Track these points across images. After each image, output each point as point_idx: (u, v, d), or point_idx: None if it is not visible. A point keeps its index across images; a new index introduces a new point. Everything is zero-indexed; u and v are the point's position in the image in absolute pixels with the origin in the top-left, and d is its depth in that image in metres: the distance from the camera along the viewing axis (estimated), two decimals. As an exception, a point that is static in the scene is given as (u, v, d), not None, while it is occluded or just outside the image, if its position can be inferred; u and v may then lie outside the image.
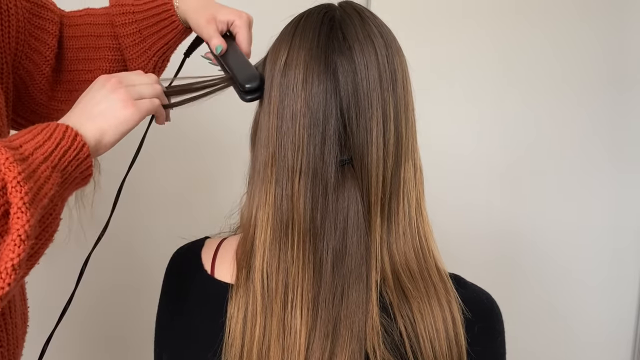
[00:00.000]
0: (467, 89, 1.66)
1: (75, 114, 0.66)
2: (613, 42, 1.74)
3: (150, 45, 0.92)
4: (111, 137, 0.65)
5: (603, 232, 1.84)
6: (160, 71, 0.97)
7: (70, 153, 0.61)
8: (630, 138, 1.81)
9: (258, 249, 0.65)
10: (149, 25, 0.91)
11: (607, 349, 1.90)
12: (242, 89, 0.70)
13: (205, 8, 0.85)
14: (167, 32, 0.91)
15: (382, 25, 0.67)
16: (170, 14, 0.89)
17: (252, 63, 0.75)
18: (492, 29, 1.65)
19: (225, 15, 0.83)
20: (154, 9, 0.90)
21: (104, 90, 0.67)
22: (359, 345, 0.62)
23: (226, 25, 0.83)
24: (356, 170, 0.65)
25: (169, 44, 0.92)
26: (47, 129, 0.61)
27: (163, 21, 0.90)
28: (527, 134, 1.73)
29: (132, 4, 0.91)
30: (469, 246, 1.71)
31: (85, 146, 0.62)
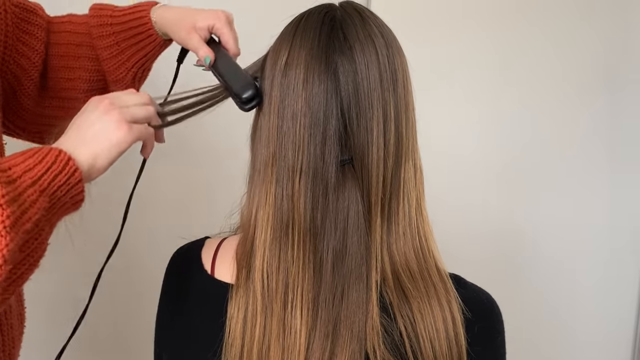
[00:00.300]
0: (466, 89, 1.66)
1: (68, 138, 0.65)
2: (612, 43, 1.74)
3: (129, 57, 0.91)
4: (104, 161, 0.65)
5: (601, 231, 1.84)
6: (140, 81, 0.96)
7: (61, 178, 0.60)
8: (629, 138, 1.81)
9: (258, 249, 0.65)
10: (127, 38, 0.90)
11: (606, 348, 1.90)
12: (239, 100, 0.69)
13: (182, 19, 0.84)
14: (145, 45, 0.90)
15: (383, 25, 0.67)
16: (147, 28, 0.89)
17: (243, 68, 0.74)
18: (492, 30, 1.65)
19: (204, 21, 0.82)
20: (132, 21, 0.89)
21: (97, 112, 0.66)
22: (359, 346, 0.62)
23: (208, 32, 0.83)
24: (356, 170, 0.65)
25: (148, 56, 0.92)
26: (39, 153, 0.60)
27: (140, 34, 0.89)
28: (526, 134, 1.73)
29: (110, 15, 0.90)
30: (469, 246, 1.71)
31: (77, 171, 0.61)
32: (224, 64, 0.78)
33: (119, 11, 0.91)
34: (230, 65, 0.77)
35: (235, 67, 0.75)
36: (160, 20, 0.88)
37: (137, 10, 0.90)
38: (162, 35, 0.89)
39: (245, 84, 0.70)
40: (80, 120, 0.67)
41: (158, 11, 0.89)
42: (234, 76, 0.73)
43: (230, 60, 0.79)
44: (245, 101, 0.69)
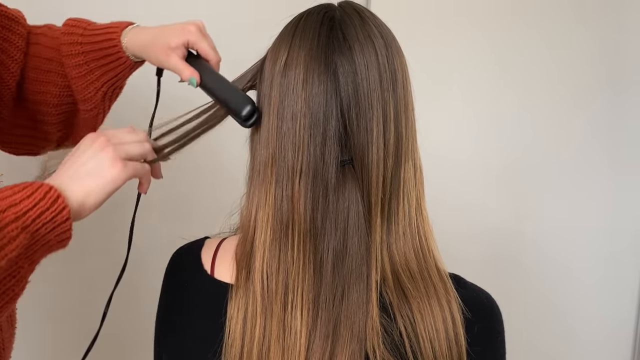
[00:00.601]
0: (465, 90, 1.66)
1: (61, 174, 0.65)
2: (610, 44, 1.74)
3: (98, 77, 0.89)
4: (96, 198, 0.64)
5: (602, 231, 1.84)
6: (112, 100, 0.94)
7: (47, 215, 0.59)
8: (628, 139, 1.81)
9: (258, 250, 0.65)
10: (96, 59, 0.88)
11: (607, 347, 1.91)
12: (240, 118, 0.69)
13: (153, 41, 0.83)
14: (114, 67, 0.89)
15: (382, 25, 0.67)
16: (117, 51, 0.87)
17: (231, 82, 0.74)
18: (491, 31, 1.65)
19: (177, 39, 0.81)
20: (101, 42, 0.87)
21: (91, 149, 0.66)
22: (359, 346, 0.62)
23: (184, 48, 0.82)
24: (356, 171, 0.64)
25: (118, 76, 0.90)
26: (29, 188, 0.59)
27: (110, 56, 0.88)
28: (526, 135, 1.73)
29: (80, 34, 0.89)
30: (469, 245, 1.71)
31: (66, 209, 0.60)
32: (212, 80, 0.77)
33: (91, 30, 0.89)
34: (219, 81, 0.76)
35: (225, 83, 0.75)
36: (132, 44, 0.86)
37: (108, 32, 0.88)
38: (132, 57, 0.88)
39: (242, 100, 0.69)
40: (74, 157, 0.66)
41: (129, 34, 0.87)
42: (227, 93, 0.72)
43: (217, 75, 0.78)
44: (245, 118, 0.68)
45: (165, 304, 0.75)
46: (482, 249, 1.74)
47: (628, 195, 1.84)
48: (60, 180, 0.64)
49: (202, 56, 0.82)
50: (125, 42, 0.86)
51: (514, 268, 1.79)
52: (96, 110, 0.92)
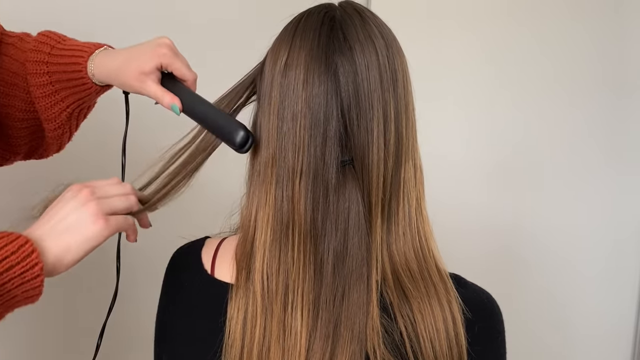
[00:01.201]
0: (465, 89, 1.66)
1: (40, 226, 0.63)
2: (608, 43, 1.75)
3: (64, 98, 0.86)
4: (74, 256, 0.62)
5: (602, 228, 1.85)
6: (79, 120, 0.91)
7: (17, 270, 0.57)
8: (626, 136, 1.82)
9: (258, 250, 0.65)
10: (62, 80, 0.85)
11: (607, 342, 1.91)
12: (234, 145, 0.68)
13: (124, 67, 0.78)
14: (80, 90, 0.85)
15: (383, 25, 0.67)
16: (81, 76, 0.83)
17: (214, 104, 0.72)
18: (490, 31, 1.65)
19: (150, 62, 0.77)
20: (67, 65, 0.84)
21: (74, 202, 0.64)
22: (360, 346, 0.62)
23: (158, 72, 0.78)
24: (357, 171, 0.64)
25: (84, 99, 0.86)
26: (5, 238, 0.58)
27: (75, 80, 0.84)
28: (524, 133, 1.74)
29: (48, 53, 0.85)
30: (469, 244, 1.71)
31: (38, 265, 0.58)
32: (196, 105, 0.74)
33: (59, 49, 0.86)
34: (204, 105, 0.73)
35: (211, 107, 0.72)
36: (99, 70, 0.82)
37: (75, 54, 0.84)
38: (98, 83, 0.84)
39: (234, 126, 0.68)
40: (56, 208, 0.64)
41: (96, 59, 0.83)
42: (217, 119, 0.70)
43: (199, 99, 0.75)
44: (240, 145, 0.67)
45: (165, 303, 0.75)
46: (482, 247, 1.75)
47: (627, 191, 1.85)
48: (39, 232, 0.62)
49: (178, 77, 0.79)
50: (92, 67, 0.82)
51: (514, 265, 1.79)
52: (61, 130, 0.89)
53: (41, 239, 0.61)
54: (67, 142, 0.93)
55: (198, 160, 0.72)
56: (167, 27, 1.33)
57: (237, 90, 0.72)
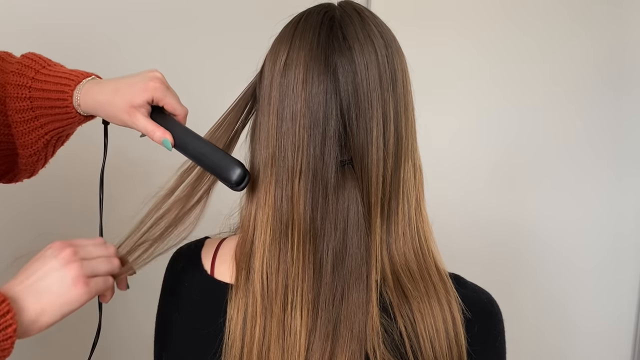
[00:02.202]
0: (466, 88, 1.67)
1: (18, 283, 0.60)
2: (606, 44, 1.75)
3: (43, 125, 0.82)
4: (50, 318, 0.60)
5: (602, 227, 1.86)
6: (56, 147, 0.87)
7: None
8: (627, 137, 1.82)
9: (258, 250, 0.65)
10: (44, 107, 0.81)
11: (607, 340, 1.92)
12: (230, 183, 0.66)
13: (113, 99, 0.75)
14: (62, 118, 0.82)
15: (382, 25, 0.67)
16: (66, 105, 0.80)
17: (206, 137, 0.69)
18: (491, 31, 1.66)
19: (141, 96, 0.74)
20: (52, 92, 0.81)
21: (55, 262, 0.61)
22: (359, 346, 0.62)
23: (148, 106, 0.75)
24: (356, 171, 0.64)
25: (65, 127, 0.83)
26: None
27: (58, 108, 0.81)
28: (524, 133, 1.74)
29: (32, 77, 0.82)
30: (469, 243, 1.71)
31: (11, 327, 0.56)
32: (189, 141, 0.71)
33: (44, 75, 0.82)
34: (197, 140, 0.70)
35: (204, 143, 0.70)
36: (85, 101, 0.79)
37: (61, 82, 0.81)
38: (84, 113, 0.81)
39: (229, 163, 0.66)
40: (35, 266, 0.61)
41: (84, 89, 0.79)
42: (210, 154, 0.68)
43: (191, 133, 0.72)
44: (236, 183, 0.65)
45: (165, 304, 0.75)
46: (482, 247, 1.75)
47: (627, 189, 1.85)
48: (17, 289, 0.60)
49: (169, 111, 0.76)
50: (78, 97, 0.79)
51: (514, 265, 1.80)
52: (36, 156, 0.86)
53: (18, 297, 0.59)
54: (40, 169, 0.90)
55: (186, 225, 0.70)
56: (167, 27, 1.33)
57: (238, 105, 0.72)
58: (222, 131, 0.72)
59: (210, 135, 0.72)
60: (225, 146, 0.71)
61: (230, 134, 0.72)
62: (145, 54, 1.31)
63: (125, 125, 0.76)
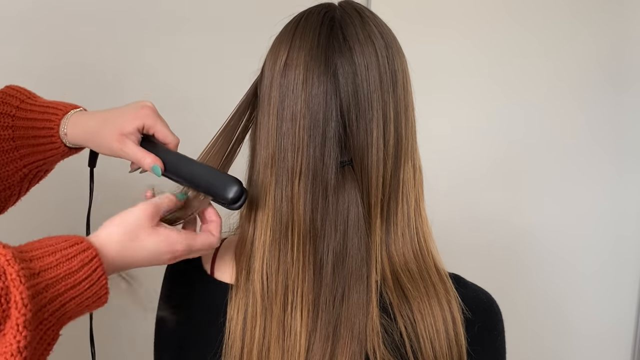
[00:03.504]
0: (465, 89, 1.67)
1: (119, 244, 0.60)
2: (607, 41, 1.75)
3: (23, 156, 0.80)
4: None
5: (602, 227, 1.85)
6: (32, 183, 0.85)
7: (85, 284, 0.56)
8: (628, 136, 1.82)
9: (258, 251, 0.65)
10: (26, 137, 0.79)
11: (607, 341, 1.92)
12: (226, 202, 0.64)
13: (102, 127, 0.74)
14: (45, 150, 0.80)
15: (383, 25, 0.67)
16: (51, 134, 0.78)
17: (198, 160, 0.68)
18: (492, 30, 1.65)
19: (131, 123, 0.72)
20: (37, 121, 0.79)
21: (168, 255, 0.63)
22: (360, 347, 0.62)
23: (139, 134, 0.73)
24: (356, 172, 0.64)
25: (47, 160, 0.81)
26: (71, 249, 0.56)
27: (42, 137, 0.79)
28: (524, 133, 1.74)
29: (17, 107, 0.80)
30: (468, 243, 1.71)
31: (102, 277, 0.57)
32: (181, 164, 0.69)
33: (29, 104, 0.80)
34: (189, 163, 0.68)
35: (197, 164, 0.68)
36: (73, 130, 0.77)
37: (48, 111, 0.79)
38: (69, 144, 0.79)
39: (225, 181, 0.64)
40: (145, 242, 0.62)
41: (72, 119, 0.77)
42: (204, 175, 0.66)
43: (184, 157, 0.70)
44: (233, 201, 0.63)
45: (165, 304, 0.75)
46: (482, 247, 1.75)
47: (628, 189, 1.85)
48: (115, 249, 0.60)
49: (160, 140, 0.74)
50: (65, 127, 0.77)
51: (514, 265, 1.79)
52: (10, 191, 0.83)
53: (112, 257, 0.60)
54: (11, 206, 0.87)
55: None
56: (166, 27, 1.33)
57: (241, 107, 0.71)
58: (227, 132, 0.71)
59: (216, 138, 0.71)
60: (229, 148, 0.71)
61: (234, 135, 0.71)
62: (144, 54, 1.31)
63: (114, 154, 0.74)
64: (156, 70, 1.31)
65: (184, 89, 1.36)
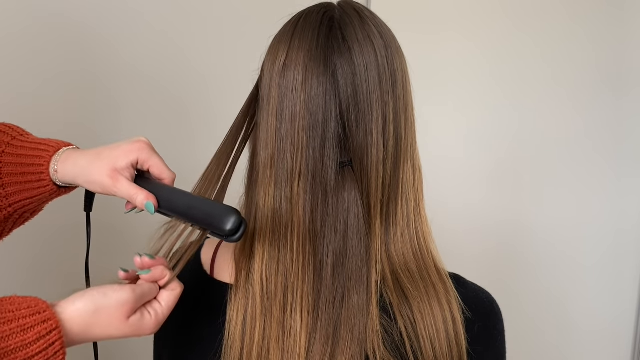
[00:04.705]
0: (465, 90, 1.67)
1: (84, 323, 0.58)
2: (606, 44, 1.75)
3: (9, 195, 0.76)
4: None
5: (601, 225, 1.86)
6: (16, 224, 0.81)
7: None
8: (625, 137, 1.83)
9: (257, 251, 0.65)
10: (14, 174, 0.76)
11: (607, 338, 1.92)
12: (224, 234, 0.60)
13: (94, 163, 0.70)
14: (33, 188, 0.76)
15: (382, 25, 0.67)
16: (41, 171, 0.75)
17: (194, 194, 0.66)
18: (491, 31, 1.65)
19: (125, 158, 0.69)
20: (26, 157, 0.76)
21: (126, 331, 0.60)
22: (360, 348, 0.62)
23: (132, 169, 0.69)
24: (356, 172, 0.64)
25: (34, 199, 0.77)
26: (30, 319, 0.54)
27: (31, 175, 0.75)
28: (524, 133, 1.74)
29: (7, 143, 0.77)
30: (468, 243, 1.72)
31: (60, 353, 0.55)
32: (174, 198, 0.66)
33: (20, 141, 0.78)
34: (185, 197, 0.66)
35: (193, 198, 0.65)
36: (64, 167, 0.73)
37: (39, 148, 0.76)
38: (59, 183, 0.75)
39: (222, 212, 0.61)
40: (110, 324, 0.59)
41: (63, 155, 0.74)
42: (201, 207, 0.63)
43: (179, 191, 0.67)
44: (231, 233, 0.60)
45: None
46: (482, 247, 1.75)
47: (626, 189, 1.85)
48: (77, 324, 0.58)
49: (155, 175, 0.70)
50: (56, 164, 0.74)
51: (514, 264, 1.80)
52: None
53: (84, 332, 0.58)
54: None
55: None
56: (165, 26, 1.33)
57: (244, 111, 0.70)
58: (232, 133, 0.70)
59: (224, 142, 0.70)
60: (235, 148, 0.69)
61: (240, 135, 0.70)
62: (143, 54, 1.31)
63: (106, 191, 0.70)
64: (155, 70, 1.31)
65: (183, 89, 1.36)
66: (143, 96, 1.28)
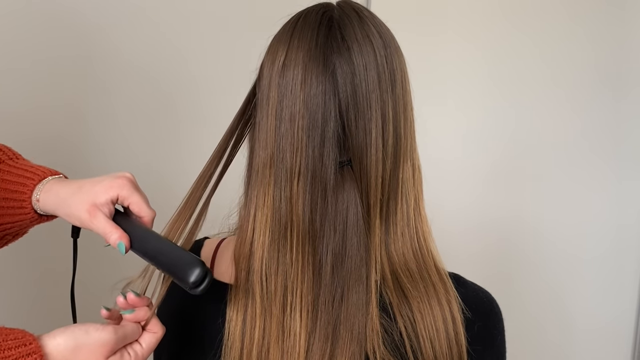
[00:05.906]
0: (464, 90, 1.67)
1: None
2: (605, 45, 1.76)
3: None
4: None
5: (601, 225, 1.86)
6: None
7: None
8: (624, 137, 1.83)
9: (257, 251, 0.65)
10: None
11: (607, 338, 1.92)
12: (187, 286, 0.60)
13: (75, 195, 0.69)
14: (13, 213, 0.76)
15: (381, 25, 0.67)
16: (23, 199, 0.74)
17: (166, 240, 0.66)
18: (490, 32, 1.66)
19: (105, 193, 0.68)
20: (11, 183, 0.76)
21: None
22: (359, 347, 0.62)
23: (112, 205, 0.69)
24: (355, 172, 0.64)
25: (15, 224, 0.76)
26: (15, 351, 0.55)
27: (12, 201, 0.75)
28: (523, 134, 1.74)
29: None
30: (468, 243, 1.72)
31: None
32: (147, 242, 0.66)
33: (9, 165, 0.78)
34: (156, 241, 0.65)
35: (164, 243, 0.65)
36: (46, 197, 0.73)
37: (25, 174, 0.76)
38: (40, 211, 0.75)
39: (187, 263, 0.61)
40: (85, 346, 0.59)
41: (47, 185, 0.74)
42: (167, 253, 0.63)
43: (153, 235, 0.67)
44: (194, 285, 0.60)
45: (164, 303, 0.75)
46: (482, 247, 1.75)
47: (627, 188, 1.85)
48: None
49: (135, 213, 0.70)
50: (39, 193, 0.74)
51: (514, 264, 1.80)
52: None
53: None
54: None
55: None
56: (165, 26, 1.33)
57: (240, 111, 0.71)
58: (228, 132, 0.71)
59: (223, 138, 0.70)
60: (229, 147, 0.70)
61: (235, 134, 0.71)
62: (142, 54, 1.31)
63: (84, 226, 0.69)
64: (153, 70, 1.31)
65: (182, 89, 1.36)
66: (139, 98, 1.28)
